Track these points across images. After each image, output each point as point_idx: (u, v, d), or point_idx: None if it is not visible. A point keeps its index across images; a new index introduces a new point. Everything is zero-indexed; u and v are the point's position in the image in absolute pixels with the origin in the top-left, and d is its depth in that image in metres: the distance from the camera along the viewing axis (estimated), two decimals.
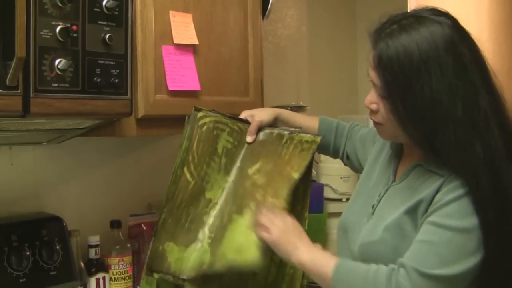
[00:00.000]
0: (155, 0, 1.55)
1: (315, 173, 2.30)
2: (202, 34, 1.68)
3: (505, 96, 1.16)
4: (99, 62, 1.36)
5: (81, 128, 1.55)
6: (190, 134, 1.38)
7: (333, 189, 2.54)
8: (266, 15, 2.01)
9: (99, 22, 1.36)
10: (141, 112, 1.53)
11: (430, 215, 1.10)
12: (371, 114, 1.21)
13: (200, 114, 1.40)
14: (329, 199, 2.53)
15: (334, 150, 1.58)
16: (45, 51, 1.25)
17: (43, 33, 1.25)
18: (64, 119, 1.40)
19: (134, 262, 1.81)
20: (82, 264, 1.69)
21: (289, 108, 2.15)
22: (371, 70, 1.16)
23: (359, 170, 1.49)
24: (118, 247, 1.75)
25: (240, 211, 1.32)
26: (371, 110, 1.20)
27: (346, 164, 1.59)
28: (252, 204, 1.31)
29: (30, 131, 1.47)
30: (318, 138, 1.40)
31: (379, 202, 1.24)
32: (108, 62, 1.38)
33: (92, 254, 1.70)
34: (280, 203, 1.28)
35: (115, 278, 1.73)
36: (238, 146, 1.42)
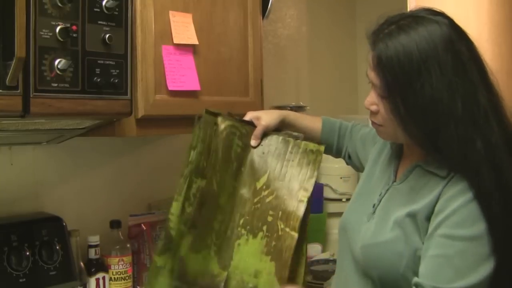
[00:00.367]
0: (155, 0, 1.55)
1: None
2: (202, 34, 1.68)
3: (504, 96, 1.16)
4: (99, 62, 1.36)
5: (81, 128, 1.55)
6: (204, 138, 1.35)
7: (333, 189, 2.55)
8: (266, 15, 2.01)
9: (99, 22, 1.36)
10: (141, 112, 1.53)
11: (439, 227, 1.09)
12: (371, 115, 1.21)
13: (220, 119, 1.38)
14: (329, 199, 2.54)
15: (337, 150, 1.58)
16: (45, 51, 1.25)
17: (43, 33, 1.25)
18: (64, 119, 1.40)
19: (134, 262, 1.81)
20: (82, 264, 1.69)
21: (289, 108, 2.16)
22: (370, 71, 1.16)
23: (361, 169, 1.49)
24: (118, 247, 1.75)
25: (250, 230, 1.33)
26: (371, 112, 1.20)
27: (348, 164, 1.59)
28: (263, 226, 1.32)
29: (30, 131, 1.47)
30: (322, 147, 1.40)
31: (379, 202, 1.24)
32: (108, 62, 1.38)
33: (92, 254, 1.70)
34: (292, 235, 1.30)
35: (115, 278, 1.73)
36: (245, 150, 1.41)
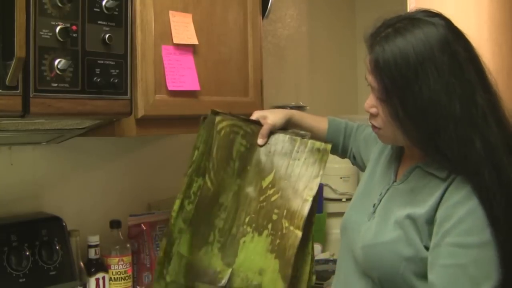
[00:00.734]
0: (154, 0, 1.55)
1: None
2: (201, 34, 1.68)
3: (505, 96, 1.16)
4: (99, 62, 1.36)
5: (80, 128, 1.55)
6: (207, 138, 1.36)
7: (332, 189, 2.55)
8: (266, 15, 2.01)
9: (99, 22, 1.36)
10: (140, 112, 1.53)
11: (447, 236, 1.08)
12: (371, 118, 1.21)
13: (218, 118, 1.38)
14: (329, 199, 2.54)
15: (343, 150, 1.59)
16: (44, 51, 1.25)
17: (42, 33, 1.24)
18: (64, 119, 1.40)
19: (134, 262, 1.82)
20: (82, 264, 1.69)
21: (288, 108, 2.15)
22: (369, 74, 1.16)
23: (364, 170, 1.49)
24: (118, 247, 1.75)
25: (255, 228, 1.33)
26: (371, 114, 1.20)
27: (354, 164, 1.60)
28: (268, 224, 1.32)
29: (30, 131, 1.47)
30: (329, 146, 1.39)
31: (380, 201, 1.24)
32: (107, 62, 1.38)
33: (92, 254, 1.70)
34: (296, 233, 1.29)
35: (114, 278, 1.73)
36: (251, 149, 1.40)
